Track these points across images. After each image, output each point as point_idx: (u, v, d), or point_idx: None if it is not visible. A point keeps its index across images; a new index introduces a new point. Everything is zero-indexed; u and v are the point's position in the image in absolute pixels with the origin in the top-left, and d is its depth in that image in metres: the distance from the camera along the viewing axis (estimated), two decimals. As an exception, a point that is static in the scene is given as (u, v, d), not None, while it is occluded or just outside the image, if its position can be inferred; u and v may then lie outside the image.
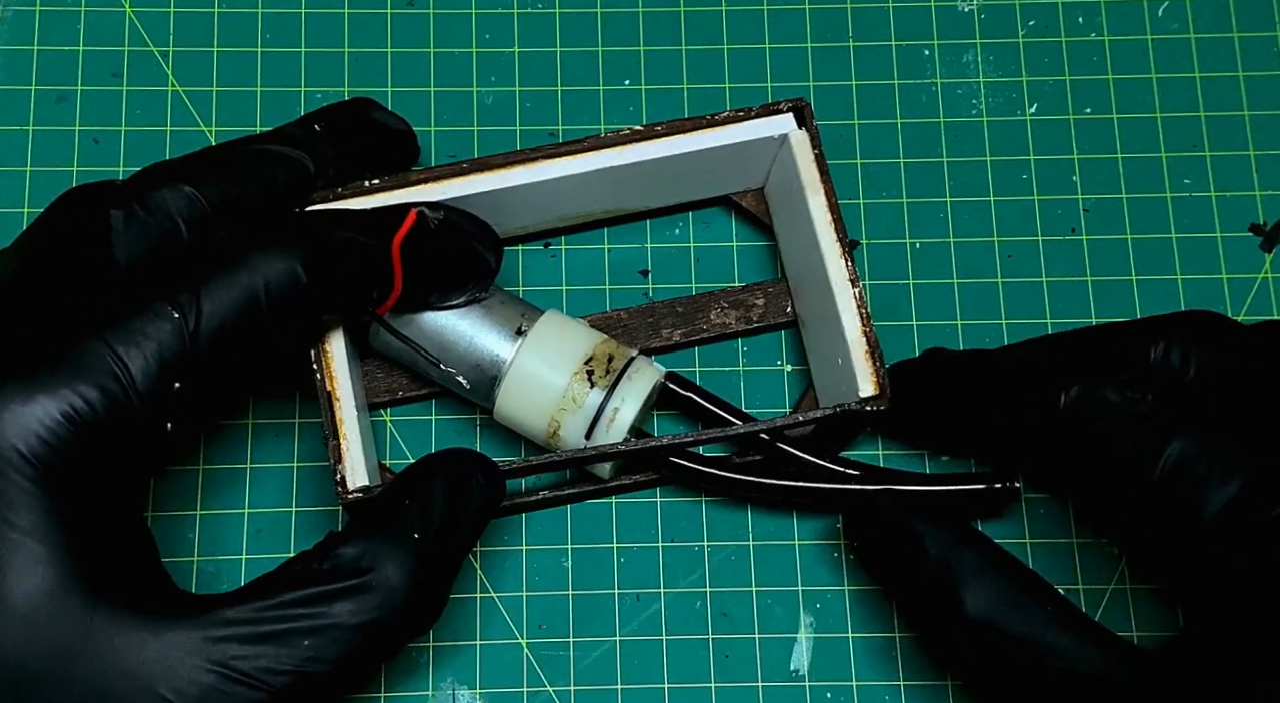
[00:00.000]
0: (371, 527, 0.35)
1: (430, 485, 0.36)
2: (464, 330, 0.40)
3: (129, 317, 0.33)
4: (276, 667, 0.33)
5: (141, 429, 0.34)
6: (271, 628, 0.33)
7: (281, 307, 0.35)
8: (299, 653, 0.33)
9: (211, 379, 0.35)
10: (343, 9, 0.48)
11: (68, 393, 0.32)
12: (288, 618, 0.33)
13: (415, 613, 0.35)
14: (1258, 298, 0.46)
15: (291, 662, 0.33)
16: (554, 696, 0.41)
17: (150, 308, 0.33)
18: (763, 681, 0.42)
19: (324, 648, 0.33)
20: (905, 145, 0.47)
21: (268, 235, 0.35)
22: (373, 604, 0.34)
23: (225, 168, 0.38)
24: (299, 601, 0.34)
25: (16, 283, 0.35)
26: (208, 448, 0.43)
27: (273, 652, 0.33)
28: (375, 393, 0.43)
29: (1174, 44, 0.48)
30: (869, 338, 0.40)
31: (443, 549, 0.36)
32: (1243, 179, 0.47)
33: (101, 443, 0.33)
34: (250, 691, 0.33)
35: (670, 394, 0.42)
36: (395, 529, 0.35)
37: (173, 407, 0.34)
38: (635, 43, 0.48)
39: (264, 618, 0.33)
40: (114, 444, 0.33)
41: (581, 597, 0.42)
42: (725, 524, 0.43)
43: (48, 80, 0.46)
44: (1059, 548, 0.43)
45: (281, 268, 0.35)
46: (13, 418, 0.32)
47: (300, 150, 0.39)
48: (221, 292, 0.34)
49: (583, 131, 0.46)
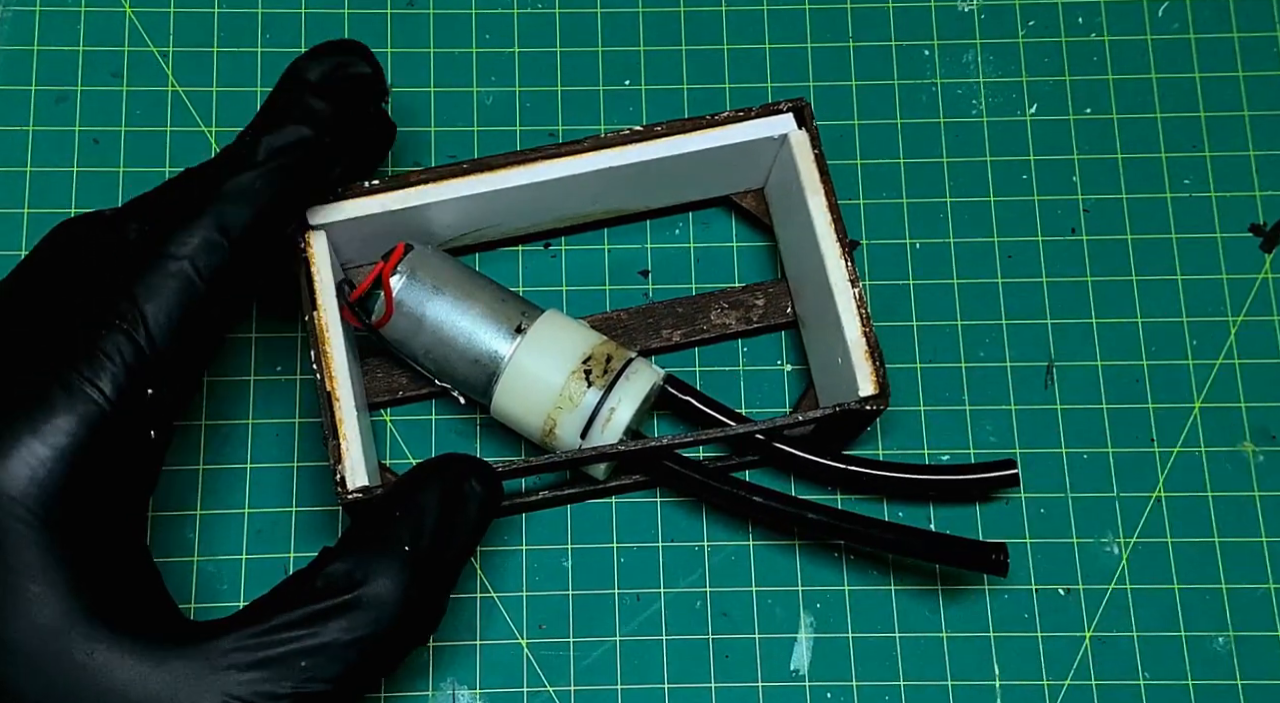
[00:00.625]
0: (363, 541, 0.35)
1: (422, 495, 0.36)
2: (463, 327, 0.40)
3: (86, 342, 0.34)
4: (277, 691, 0.33)
5: (127, 445, 0.34)
6: (268, 653, 0.33)
7: (218, 276, 0.35)
8: (297, 675, 0.33)
9: (184, 369, 0.35)
10: (343, 9, 0.48)
11: (49, 430, 0.33)
12: (283, 641, 0.33)
13: (411, 625, 0.35)
14: (1258, 298, 0.46)
15: (290, 684, 0.33)
16: (554, 696, 0.41)
17: (101, 329, 0.34)
18: (763, 681, 0.42)
19: (321, 668, 0.33)
20: (905, 145, 0.47)
21: (171, 219, 0.36)
22: (366, 620, 0.34)
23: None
24: (293, 623, 0.34)
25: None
26: (208, 448, 0.43)
27: (272, 676, 0.33)
28: (375, 393, 0.43)
29: (1174, 44, 0.48)
30: (869, 338, 0.40)
31: (437, 559, 0.36)
32: (1243, 179, 0.47)
33: (91, 470, 0.33)
34: None
35: (669, 397, 0.42)
36: (386, 542, 0.35)
37: (152, 414, 0.34)
38: (635, 43, 0.48)
39: (260, 644, 0.33)
40: (104, 467, 0.34)
41: (581, 597, 0.42)
42: (725, 524, 0.43)
43: (48, 80, 0.46)
44: (1059, 548, 0.43)
45: (199, 243, 0.35)
46: (2, 464, 0.32)
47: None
48: (155, 288, 0.35)
49: (583, 132, 0.46)
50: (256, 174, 0.37)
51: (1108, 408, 0.45)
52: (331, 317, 0.40)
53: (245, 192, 0.36)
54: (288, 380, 0.44)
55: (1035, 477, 0.44)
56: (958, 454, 0.44)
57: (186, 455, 0.43)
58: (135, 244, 0.36)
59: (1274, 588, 0.43)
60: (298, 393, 0.44)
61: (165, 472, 0.43)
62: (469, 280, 0.41)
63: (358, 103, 0.39)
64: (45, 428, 0.33)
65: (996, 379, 0.45)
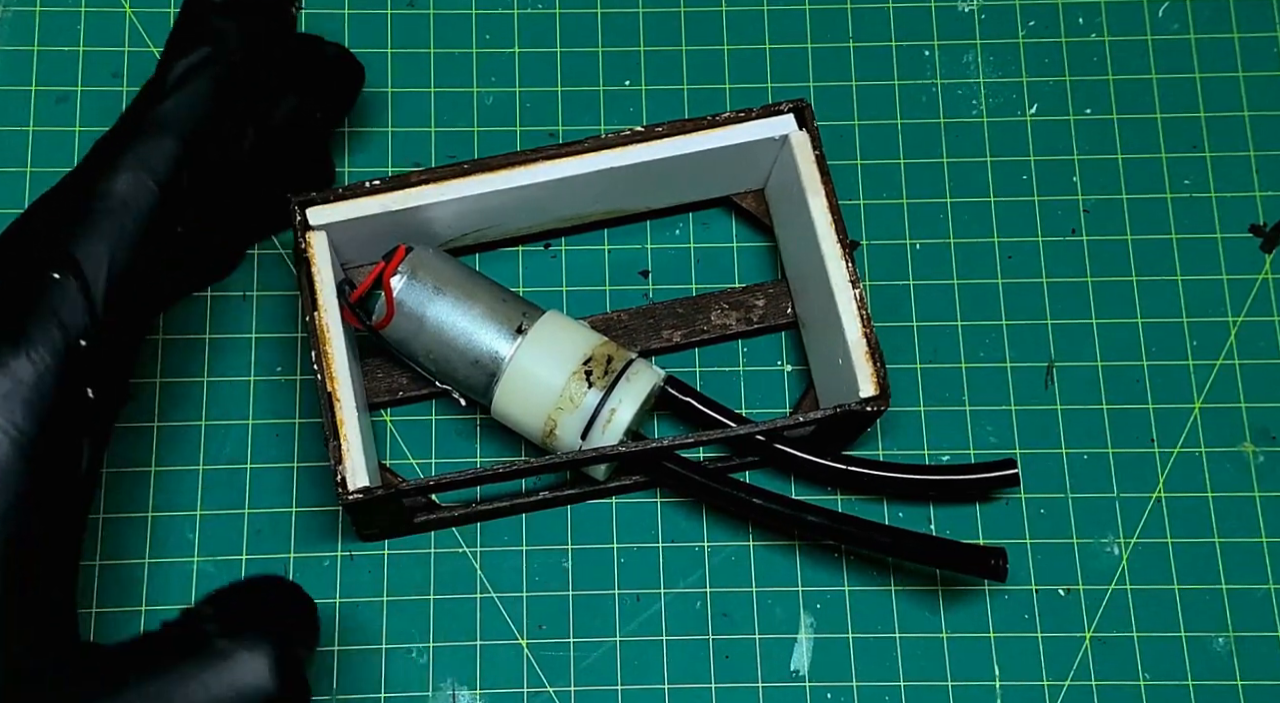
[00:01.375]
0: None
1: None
2: (464, 327, 0.40)
3: (23, 296, 0.33)
4: None
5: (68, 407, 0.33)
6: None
7: (153, 216, 0.34)
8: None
9: (122, 329, 0.34)
10: (343, 9, 0.48)
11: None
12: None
13: None
14: (1258, 298, 0.46)
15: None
16: (554, 696, 0.41)
17: (35, 279, 0.33)
18: (763, 681, 0.42)
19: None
20: (905, 145, 0.47)
21: (97, 165, 0.35)
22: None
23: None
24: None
25: None
26: (207, 448, 0.43)
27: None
28: (375, 393, 0.43)
29: (1174, 44, 0.48)
30: (869, 338, 0.40)
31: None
32: (1243, 179, 0.47)
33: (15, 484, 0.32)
34: None
35: (669, 398, 0.42)
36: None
37: (89, 370, 0.33)
38: (635, 43, 0.48)
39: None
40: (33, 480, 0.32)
41: (581, 597, 0.42)
42: (725, 525, 0.43)
43: (48, 80, 0.46)
44: (1059, 548, 0.43)
45: (125, 187, 0.34)
46: None
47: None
48: (88, 236, 0.34)
49: (583, 132, 0.46)
50: (172, 102, 0.35)
51: (1108, 408, 0.45)
52: (332, 317, 0.40)
53: (164, 122, 0.35)
54: (288, 380, 0.44)
55: (1035, 477, 0.44)
56: (958, 455, 0.44)
57: (187, 456, 0.43)
58: (64, 191, 0.35)
59: (1274, 588, 0.43)
60: (298, 393, 0.44)
61: (166, 472, 0.43)
62: (469, 281, 0.41)
63: (267, 20, 0.38)
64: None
65: (997, 380, 0.45)
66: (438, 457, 0.43)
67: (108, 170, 0.34)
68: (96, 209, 0.34)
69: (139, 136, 0.35)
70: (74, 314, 0.33)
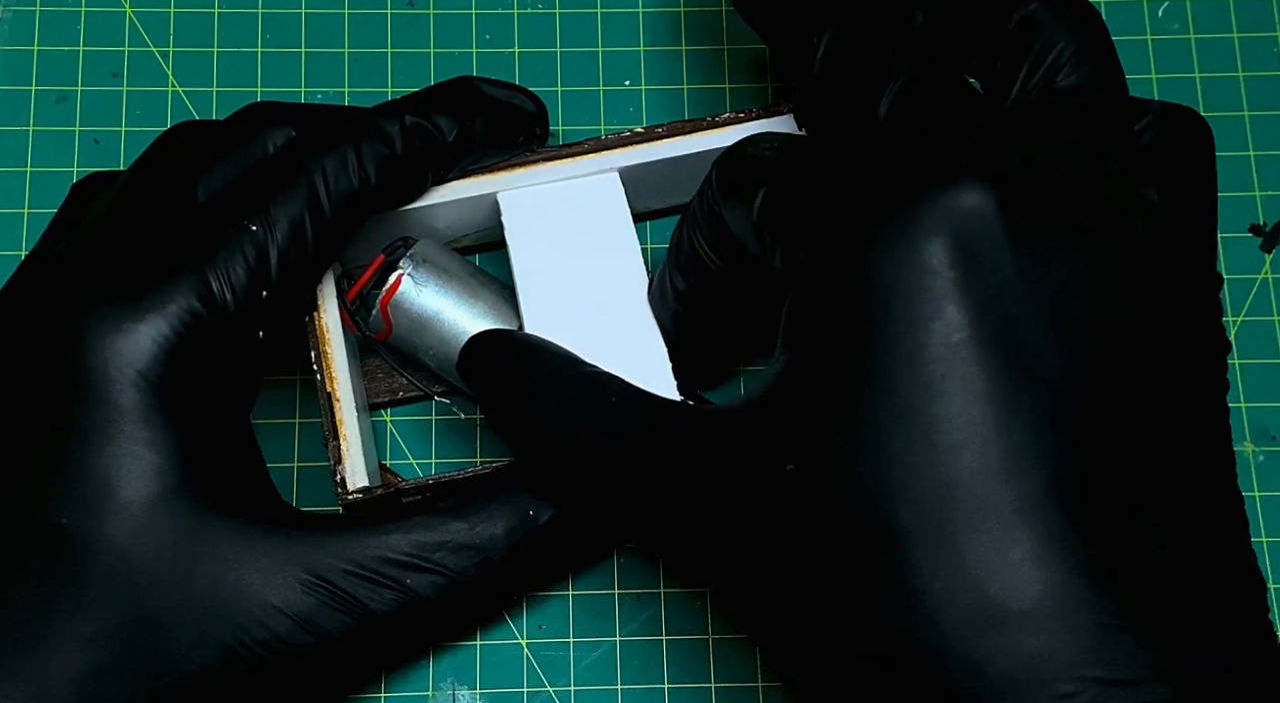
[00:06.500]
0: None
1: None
2: (465, 326, 0.40)
3: (216, 241, 0.36)
4: (377, 597, 0.35)
5: (240, 339, 0.36)
6: (372, 570, 0.35)
7: (347, 200, 0.38)
8: (401, 591, 0.35)
9: (294, 282, 0.38)
10: (343, 9, 0.48)
11: (174, 310, 0.35)
12: (391, 560, 0.36)
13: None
14: (1258, 298, 0.46)
15: (393, 595, 0.35)
16: (554, 696, 0.41)
17: (232, 230, 0.37)
18: (763, 681, 0.42)
19: (424, 588, 0.36)
20: (905, 145, 0.47)
21: (317, 139, 0.38)
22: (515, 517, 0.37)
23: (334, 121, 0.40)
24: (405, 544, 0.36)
25: (116, 218, 0.37)
26: (208, 448, 0.43)
27: (374, 582, 0.35)
28: (375, 394, 0.43)
29: (1174, 44, 0.48)
30: (869, 338, 0.40)
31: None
32: (1243, 179, 0.47)
33: (206, 355, 0.35)
34: (347, 616, 0.35)
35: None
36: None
37: (263, 315, 0.37)
38: (635, 43, 0.48)
39: (366, 555, 0.35)
40: (217, 355, 0.36)
41: (581, 597, 0.42)
42: (725, 525, 0.43)
43: (48, 80, 0.46)
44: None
45: (335, 165, 0.38)
46: (126, 339, 0.34)
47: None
48: (287, 202, 0.37)
49: (583, 132, 0.46)
50: (400, 128, 0.39)
51: (1108, 408, 0.45)
52: (332, 317, 0.40)
53: (388, 137, 0.39)
54: (288, 380, 0.44)
55: (1035, 477, 0.44)
56: (958, 454, 0.44)
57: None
58: (275, 156, 0.39)
59: (1274, 588, 0.43)
60: (298, 393, 0.44)
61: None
62: (471, 277, 0.41)
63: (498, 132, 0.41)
64: (171, 308, 0.35)
65: (996, 379, 0.45)
66: (438, 457, 0.43)
67: (326, 150, 0.38)
68: (302, 181, 0.38)
69: (366, 135, 0.39)
70: (258, 265, 0.37)
